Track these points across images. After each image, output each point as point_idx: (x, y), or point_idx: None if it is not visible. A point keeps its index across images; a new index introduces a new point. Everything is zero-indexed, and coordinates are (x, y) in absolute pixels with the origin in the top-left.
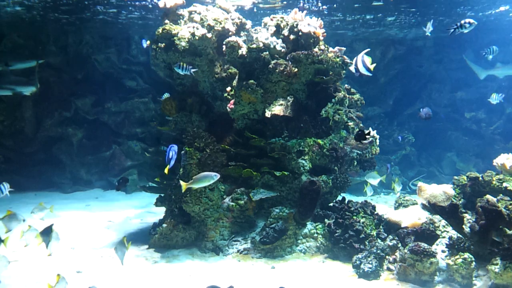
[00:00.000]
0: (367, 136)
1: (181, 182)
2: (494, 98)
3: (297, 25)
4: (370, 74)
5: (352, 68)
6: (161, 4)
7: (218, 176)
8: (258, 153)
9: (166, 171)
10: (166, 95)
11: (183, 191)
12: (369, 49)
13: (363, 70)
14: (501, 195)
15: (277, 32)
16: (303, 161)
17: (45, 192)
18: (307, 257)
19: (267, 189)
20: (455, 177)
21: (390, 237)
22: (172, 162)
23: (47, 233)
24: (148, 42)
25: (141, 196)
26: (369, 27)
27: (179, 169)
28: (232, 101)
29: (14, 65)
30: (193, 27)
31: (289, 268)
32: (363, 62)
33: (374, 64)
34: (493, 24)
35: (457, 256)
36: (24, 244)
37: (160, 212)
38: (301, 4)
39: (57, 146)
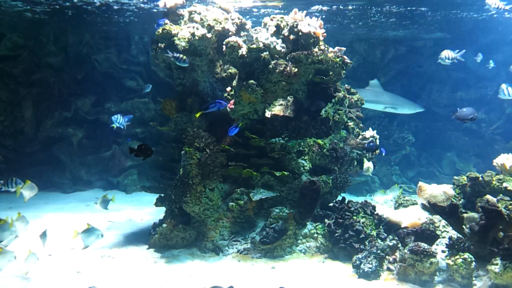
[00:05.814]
0: (367, 136)
1: None
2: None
3: (297, 25)
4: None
5: None
6: (161, 4)
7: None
8: (258, 153)
9: (197, 115)
10: (149, 87)
11: None
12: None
13: None
14: (501, 195)
15: (277, 32)
16: (303, 161)
17: (45, 192)
18: (307, 257)
19: (267, 189)
20: (455, 177)
21: (390, 237)
22: (207, 111)
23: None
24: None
25: (141, 196)
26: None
27: (179, 169)
28: (232, 101)
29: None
30: (193, 27)
31: (289, 268)
32: None
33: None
34: (494, 24)
35: (457, 256)
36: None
37: (160, 212)
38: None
39: (57, 146)
